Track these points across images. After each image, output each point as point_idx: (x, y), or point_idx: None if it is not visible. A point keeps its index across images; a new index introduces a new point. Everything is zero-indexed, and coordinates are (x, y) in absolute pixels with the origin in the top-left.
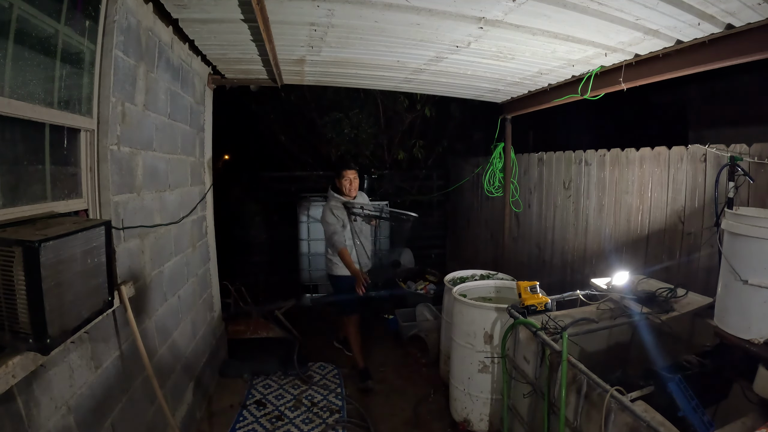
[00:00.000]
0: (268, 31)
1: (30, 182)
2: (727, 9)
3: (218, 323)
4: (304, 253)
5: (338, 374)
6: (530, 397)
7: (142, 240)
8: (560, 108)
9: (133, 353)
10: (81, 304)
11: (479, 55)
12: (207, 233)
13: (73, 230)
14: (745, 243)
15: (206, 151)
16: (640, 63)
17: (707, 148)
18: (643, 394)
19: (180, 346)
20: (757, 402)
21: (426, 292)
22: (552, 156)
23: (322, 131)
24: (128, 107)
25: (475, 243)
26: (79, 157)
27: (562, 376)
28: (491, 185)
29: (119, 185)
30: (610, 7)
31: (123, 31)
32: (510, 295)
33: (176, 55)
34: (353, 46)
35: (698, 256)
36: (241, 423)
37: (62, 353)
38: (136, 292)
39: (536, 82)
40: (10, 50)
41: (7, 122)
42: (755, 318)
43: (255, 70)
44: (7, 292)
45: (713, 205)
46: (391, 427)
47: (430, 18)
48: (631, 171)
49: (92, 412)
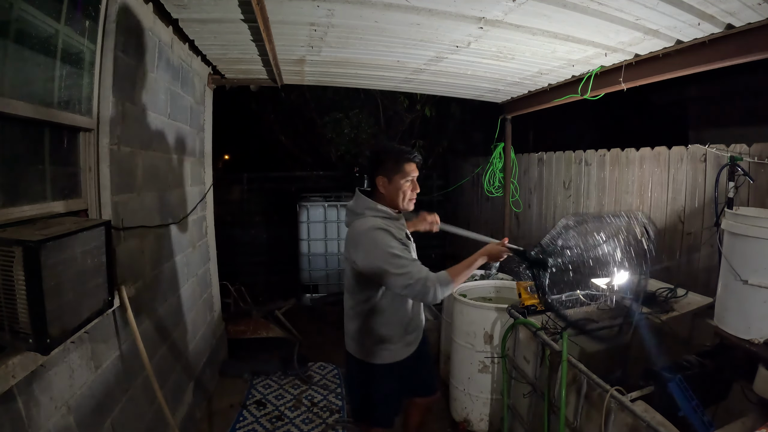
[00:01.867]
0: (268, 31)
1: (30, 182)
2: (727, 9)
3: (218, 323)
4: (304, 253)
5: (338, 374)
6: (530, 397)
7: (142, 240)
8: (560, 108)
9: (133, 353)
10: (81, 304)
11: (479, 55)
12: (207, 233)
13: (73, 230)
14: (745, 243)
15: (206, 151)
16: (640, 63)
17: (707, 148)
18: (643, 394)
19: (180, 346)
20: (757, 402)
21: None
22: (552, 156)
23: (322, 131)
24: (128, 107)
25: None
26: (79, 157)
27: (563, 376)
28: (491, 185)
29: (119, 185)
30: (610, 7)
31: (123, 31)
32: (510, 295)
33: (176, 55)
34: (353, 46)
35: (698, 256)
36: (241, 423)
37: (62, 353)
38: (136, 292)
39: (536, 82)
40: (10, 50)
41: (7, 122)
42: (755, 318)
43: (255, 70)
44: (7, 292)
45: (713, 205)
46: None
47: (430, 18)
48: (631, 171)
49: (92, 412)
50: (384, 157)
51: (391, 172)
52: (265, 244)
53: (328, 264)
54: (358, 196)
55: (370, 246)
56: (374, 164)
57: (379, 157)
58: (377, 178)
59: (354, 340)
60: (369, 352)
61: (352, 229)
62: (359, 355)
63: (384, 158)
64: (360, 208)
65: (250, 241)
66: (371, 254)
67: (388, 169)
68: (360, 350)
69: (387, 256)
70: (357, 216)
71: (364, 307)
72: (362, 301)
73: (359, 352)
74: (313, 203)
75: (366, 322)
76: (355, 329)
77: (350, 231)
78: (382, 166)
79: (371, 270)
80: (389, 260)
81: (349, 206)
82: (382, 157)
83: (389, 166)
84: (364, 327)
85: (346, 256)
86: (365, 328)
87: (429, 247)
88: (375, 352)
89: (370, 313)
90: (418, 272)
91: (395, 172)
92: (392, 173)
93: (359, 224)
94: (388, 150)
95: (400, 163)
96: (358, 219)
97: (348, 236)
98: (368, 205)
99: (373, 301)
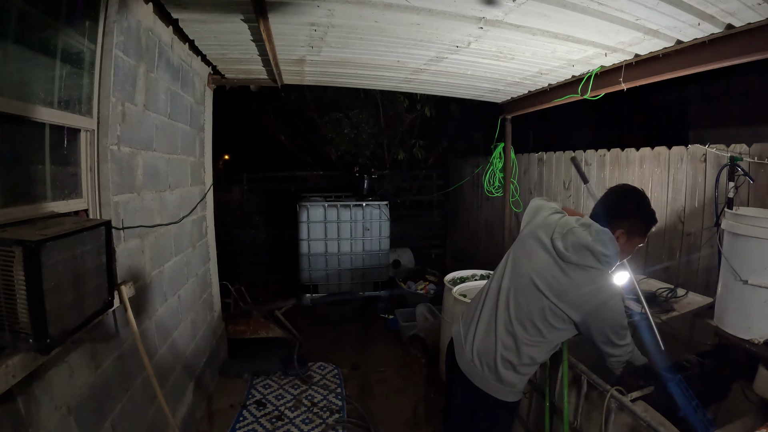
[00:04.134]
0: (268, 31)
1: (30, 182)
2: (727, 9)
3: (218, 323)
4: (304, 253)
5: (338, 374)
6: (531, 397)
7: (142, 240)
8: (560, 108)
9: (133, 353)
10: (81, 304)
11: (479, 55)
12: (207, 233)
13: (73, 230)
14: (745, 243)
15: (206, 151)
16: (640, 63)
17: (707, 148)
18: (643, 394)
19: (180, 346)
20: (757, 402)
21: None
22: (552, 156)
23: (322, 131)
24: (128, 107)
25: (475, 243)
26: (79, 157)
27: (564, 376)
28: (491, 185)
29: (119, 185)
30: (610, 7)
31: (123, 31)
32: None
33: (176, 55)
34: (353, 46)
35: (698, 256)
36: (241, 423)
37: (62, 353)
38: (136, 292)
39: (536, 82)
40: (11, 50)
41: (8, 122)
42: (755, 318)
43: (255, 70)
44: (7, 292)
45: (713, 205)
46: (391, 427)
47: (430, 18)
48: (631, 171)
49: (92, 412)
50: (638, 213)
51: (635, 232)
52: (265, 244)
53: (328, 264)
54: (613, 242)
55: (606, 314)
56: (621, 213)
57: (631, 208)
58: (618, 229)
59: (508, 382)
60: (519, 392)
61: (589, 281)
62: (509, 398)
63: (637, 213)
64: (610, 258)
65: (250, 241)
66: (603, 319)
67: (636, 228)
68: (511, 392)
69: (618, 328)
70: (599, 265)
71: (543, 354)
72: (544, 348)
73: (510, 395)
74: (313, 203)
75: (533, 365)
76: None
77: (584, 278)
78: (629, 220)
79: (592, 330)
80: (619, 332)
81: (594, 248)
82: (636, 211)
83: (638, 227)
84: (529, 369)
85: (560, 298)
86: (529, 371)
87: (430, 247)
88: (521, 389)
89: (542, 357)
90: (631, 348)
91: (639, 233)
92: (636, 234)
93: (605, 284)
94: (644, 206)
95: (648, 229)
96: (599, 272)
97: (575, 282)
98: (616, 260)
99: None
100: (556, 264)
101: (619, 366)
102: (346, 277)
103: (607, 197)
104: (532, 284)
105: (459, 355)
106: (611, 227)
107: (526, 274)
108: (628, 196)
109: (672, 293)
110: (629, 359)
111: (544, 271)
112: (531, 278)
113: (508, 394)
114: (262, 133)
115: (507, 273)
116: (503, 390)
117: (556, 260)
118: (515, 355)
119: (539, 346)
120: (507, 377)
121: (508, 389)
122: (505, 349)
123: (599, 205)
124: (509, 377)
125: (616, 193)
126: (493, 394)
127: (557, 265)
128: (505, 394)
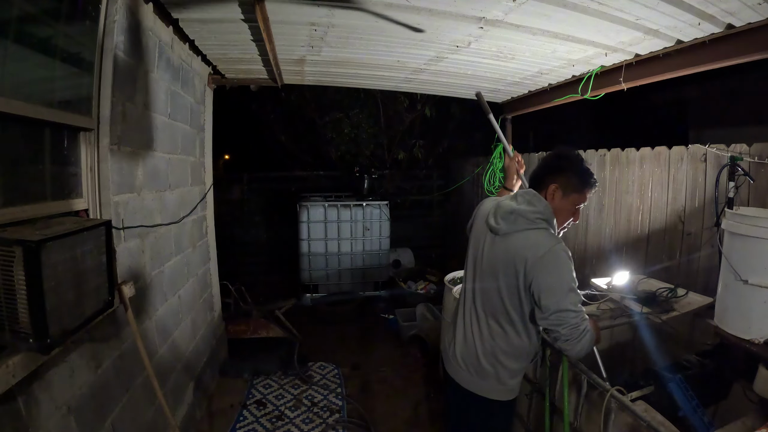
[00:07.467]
0: (268, 30)
1: (30, 182)
2: (727, 9)
3: (218, 323)
4: (304, 253)
5: (338, 374)
6: (531, 396)
7: (142, 240)
8: (560, 108)
9: (133, 353)
10: (81, 304)
11: (479, 55)
12: (207, 233)
13: (73, 230)
14: (745, 243)
15: (206, 150)
16: (641, 63)
17: (707, 148)
18: (643, 394)
19: (180, 345)
20: (757, 402)
21: (426, 292)
22: None
23: (322, 131)
24: (128, 107)
25: None
26: (80, 157)
27: (564, 375)
28: (491, 185)
29: (119, 185)
30: (610, 7)
31: (123, 31)
32: None
33: (176, 55)
34: (353, 46)
35: (698, 256)
36: (242, 423)
37: (62, 353)
38: (137, 292)
39: (536, 82)
40: (11, 50)
41: (7, 122)
42: (755, 318)
43: (255, 70)
44: (7, 292)
45: (713, 205)
46: (391, 427)
47: (431, 18)
48: (632, 171)
49: (92, 412)
50: (571, 168)
51: (570, 187)
52: (265, 244)
53: (329, 264)
54: (537, 198)
55: (557, 271)
56: (555, 167)
57: (565, 163)
58: (551, 184)
59: (496, 379)
60: (511, 390)
61: (524, 240)
62: (501, 396)
63: (570, 168)
64: (540, 214)
65: (250, 241)
66: (548, 272)
67: (570, 182)
68: (502, 390)
69: (568, 291)
70: (530, 224)
71: (522, 339)
72: (520, 332)
73: (502, 393)
74: (313, 203)
75: (518, 357)
76: (505, 364)
77: (519, 242)
78: (564, 174)
79: (542, 294)
80: (569, 295)
81: (519, 209)
82: (569, 166)
83: (573, 181)
84: (515, 363)
85: (506, 272)
86: (515, 365)
87: (430, 247)
88: (514, 387)
89: (523, 345)
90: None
91: (575, 190)
92: (571, 189)
93: (541, 239)
94: (579, 162)
95: (585, 185)
96: (534, 230)
97: (512, 248)
98: (549, 215)
99: (536, 331)
100: (495, 242)
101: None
102: (347, 277)
103: (543, 159)
104: (488, 273)
105: (446, 362)
106: (545, 184)
107: (480, 266)
108: (562, 154)
109: (672, 293)
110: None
111: (490, 254)
112: (485, 268)
113: (499, 392)
114: (262, 133)
115: (469, 273)
116: (493, 389)
117: (494, 239)
118: (494, 349)
119: (515, 335)
120: (492, 374)
121: (499, 387)
122: (484, 346)
123: (536, 168)
124: (495, 374)
125: (551, 153)
126: (483, 394)
127: (497, 243)
128: (496, 393)
